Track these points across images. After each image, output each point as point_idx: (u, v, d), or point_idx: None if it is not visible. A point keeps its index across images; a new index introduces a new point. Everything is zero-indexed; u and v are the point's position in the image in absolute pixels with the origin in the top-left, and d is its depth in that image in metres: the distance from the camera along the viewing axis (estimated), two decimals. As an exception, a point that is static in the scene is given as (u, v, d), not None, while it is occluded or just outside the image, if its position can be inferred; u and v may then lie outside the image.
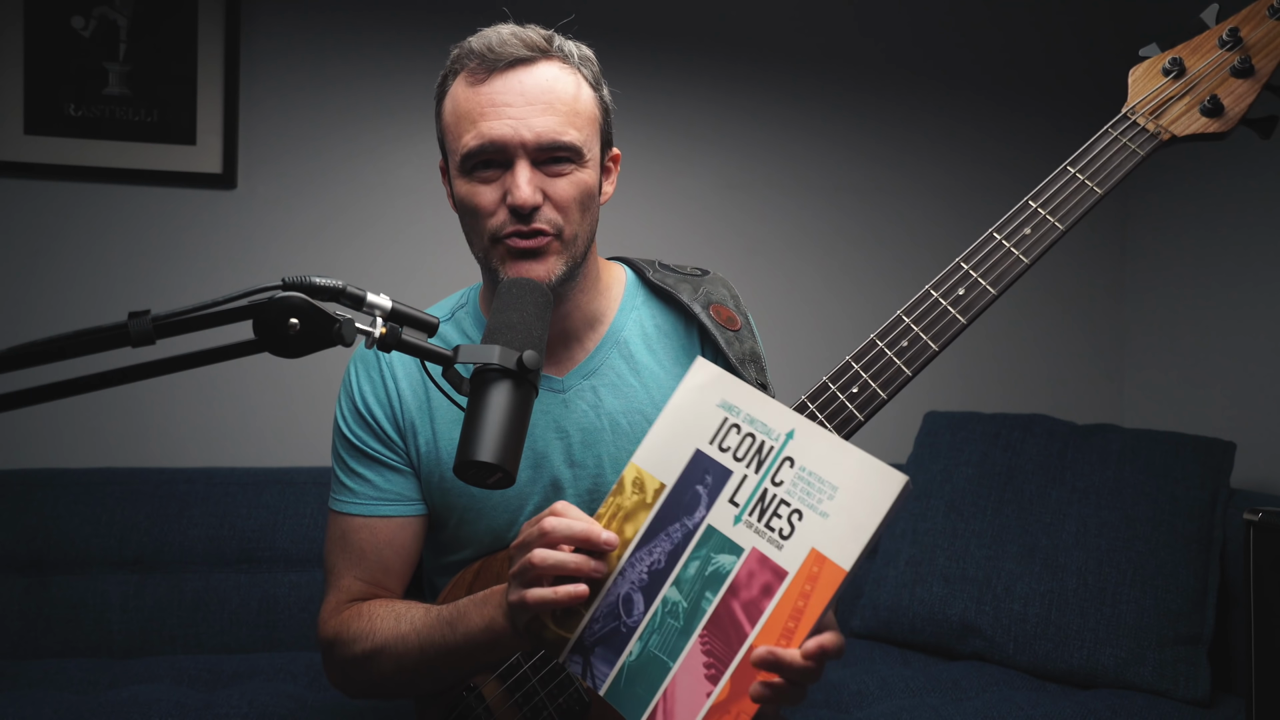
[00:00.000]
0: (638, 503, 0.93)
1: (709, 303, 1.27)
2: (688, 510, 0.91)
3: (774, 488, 0.88)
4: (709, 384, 0.94)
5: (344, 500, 1.25)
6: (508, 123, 1.10)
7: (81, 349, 0.76)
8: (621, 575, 0.92)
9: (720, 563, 0.89)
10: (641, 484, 0.94)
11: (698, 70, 2.38)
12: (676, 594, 0.90)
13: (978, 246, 1.06)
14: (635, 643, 0.91)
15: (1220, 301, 2.29)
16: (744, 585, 0.88)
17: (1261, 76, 1.06)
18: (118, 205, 2.10)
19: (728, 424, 0.91)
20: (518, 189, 1.10)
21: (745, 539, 0.89)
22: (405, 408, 1.23)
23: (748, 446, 0.90)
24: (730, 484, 0.90)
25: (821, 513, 0.86)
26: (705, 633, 0.89)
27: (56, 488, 1.89)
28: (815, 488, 0.87)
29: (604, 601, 0.93)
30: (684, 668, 0.89)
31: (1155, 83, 1.10)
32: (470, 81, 1.13)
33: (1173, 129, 1.07)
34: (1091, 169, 1.06)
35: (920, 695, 1.74)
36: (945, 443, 2.12)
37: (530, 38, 1.13)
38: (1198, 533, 1.83)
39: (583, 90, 1.16)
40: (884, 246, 2.49)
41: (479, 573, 1.23)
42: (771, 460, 0.89)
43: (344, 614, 1.20)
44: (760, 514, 0.88)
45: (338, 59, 2.20)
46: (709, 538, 0.90)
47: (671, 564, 0.90)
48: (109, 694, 1.60)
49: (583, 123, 1.14)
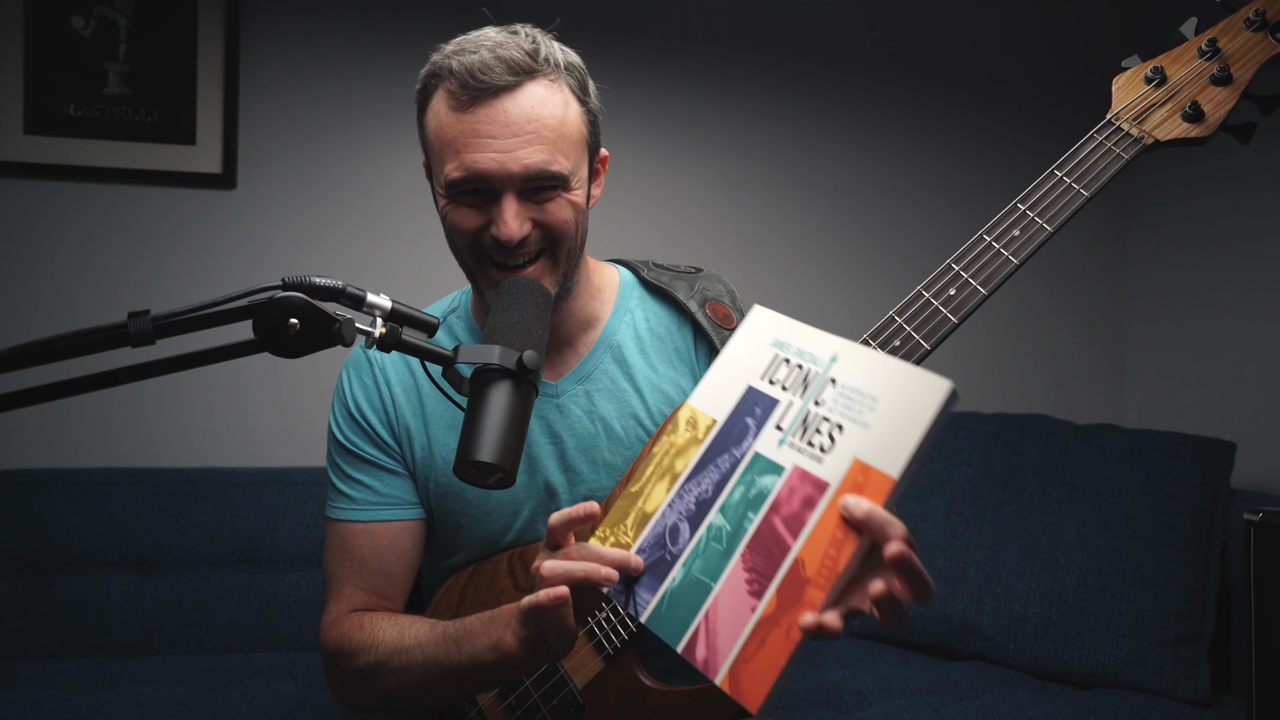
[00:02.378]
0: (689, 439, 0.95)
1: (705, 300, 1.27)
2: (736, 441, 0.92)
3: (816, 408, 0.89)
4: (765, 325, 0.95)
5: (342, 507, 1.23)
6: (493, 155, 1.06)
7: (81, 349, 0.76)
8: (669, 507, 0.93)
9: (763, 484, 0.89)
10: (695, 422, 0.95)
11: (698, 70, 2.38)
12: (721, 519, 0.90)
13: (968, 248, 1.08)
14: (679, 569, 0.90)
15: (1220, 301, 2.29)
16: (785, 502, 0.87)
17: (1240, 85, 1.11)
18: (118, 205, 2.09)
19: (778, 359, 0.93)
20: (504, 225, 1.07)
21: (787, 458, 0.89)
22: (399, 411, 1.22)
23: (795, 376, 0.91)
24: (777, 411, 0.91)
25: (863, 424, 0.86)
26: (747, 551, 0.88)
27: (56, 488, 1.89)
28: (856, 401, 0.87)
29: (651, 533, 0.93)
30: (726, 587, 0.88)
31: (1138, 90, 1.14)
32: (452, 105, 1.09)
33: (1155, 134, 1.11)
34: (1078, 172, 1.10)
35: (920, 695, 1.74)
36: (945, 443, 2.12)
37: (513, 58, 1.07)
38: (1198, 533, 1.83)
39: (570, 110, 1.11)
40: (884, 246, 2.49)
41: (472, 577, 1.23)
42: (816, 384, 0.90)
43: (345, 625, 1.17)
44: (802, 433, 0.89)
45: (338, 59, 2.20)
46: (755, 463, 0.90)
47: (718, 492, 0.91)
48: (109, 694, 1.60)
49: (569, 146, 1.10)
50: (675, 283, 1.28)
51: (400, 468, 1.23)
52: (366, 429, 1.22)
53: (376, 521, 1.21)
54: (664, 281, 1.27)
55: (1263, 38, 1.11)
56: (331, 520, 1.24)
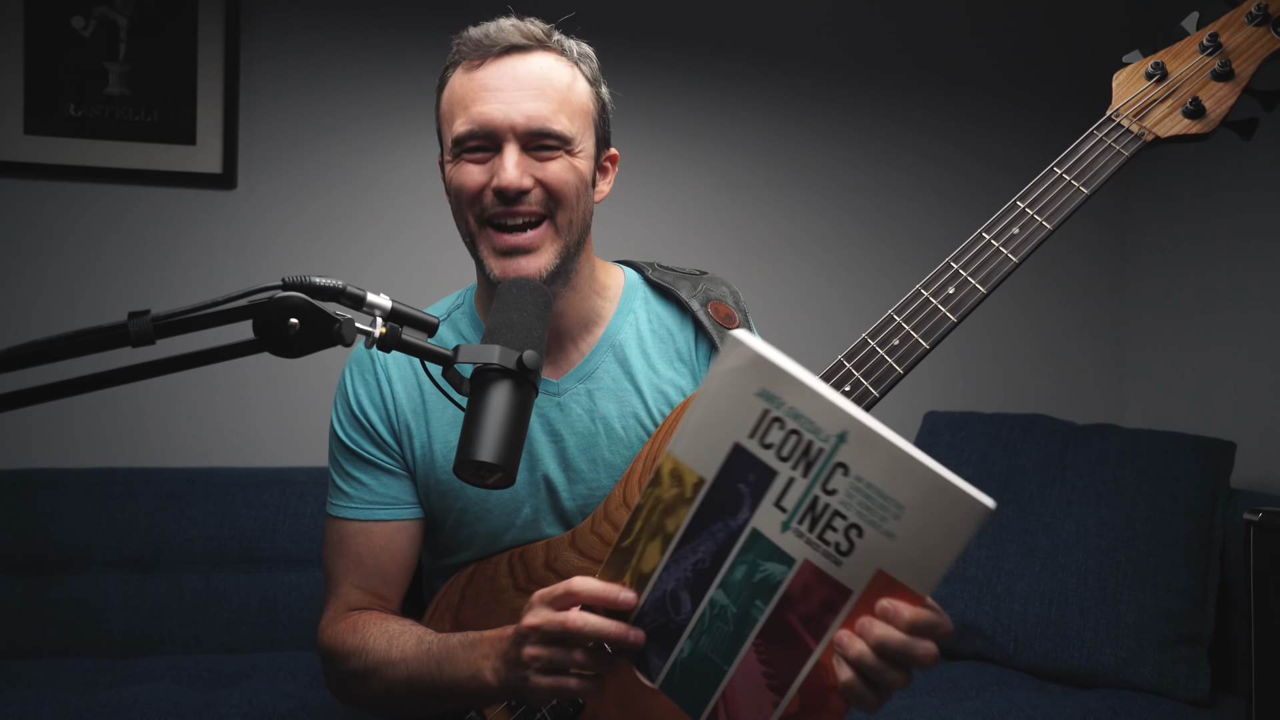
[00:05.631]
0: (676, 496, 0.86)
1: (708, 299, 1.27)
2: (730, 509, 0.84)
3: (826, 496, 0.80)
4: (745, 368, 0.80)
5: (340, 505, 1.24)
6: (498, 106, 1.11)
7: (81, 349, 0.76)
8: (666, 571, 0.88)
9: (769, 571, 0.84)
10: (680, 476, 0.85)
11: (698, 70, 2.38)
12: (724, 597, 0.86)
13: (967, 246, 1.07)
14: (686, 640, 0.88)
15: (1220, 301, 2.29)
16: (800, 598, 0.83)
17: (1241, 80, 1.10)
18: (117, 205, 2.09)
19: (769, 417, 0.80)
20: (504, 171, 1.10)
21: (796, 549, 0.82)
22: (400, 410, 1.23)
23: (793, 445, 0.80)
24: (775, 486, 0.82)
25: (886, 532, 0.78)
26: (760, 642, 0.85)
27: (56, 488, 1.89)
28: (877, 504, 0.78)
29: (651, 595, 0.89)
30: (741, 673, 0.86)
31: (1138, 86, 1.13)
32: (466, 69, 1.14)
33: (1156, 130, 1.10)
34: (1078, 169, 1.09)
35: (920, 695, 1.74)
36: (945, 443, 2.12)
37: (528, 29, 1.14)
38: (1198, 533, 1.83)
39: (578, 83, 1.16)
40: (886, 246, 2.49)
41: (472, 576, 1.23)
42: (822, 465, 0.80)
43: (339, 626, 1.19)
44: (811, 524, 0.81)
45: (337, 59, 2.20)
46: (755, 542, 0.84)
47: (717, 564, 0.85)
48: (109, 694, 1.60)
49: (574, 112, 1.14)
50: (679, 283, 1.28)
51: (399, 468, 1.23)
52: (367, 427, 1.23)
53: (373, 521, 1.22)
54: (667, 281, 1.28)
55: (1265, 32, 1.10)
56: (330, 517, 1.25)
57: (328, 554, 1.25)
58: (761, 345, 0.80)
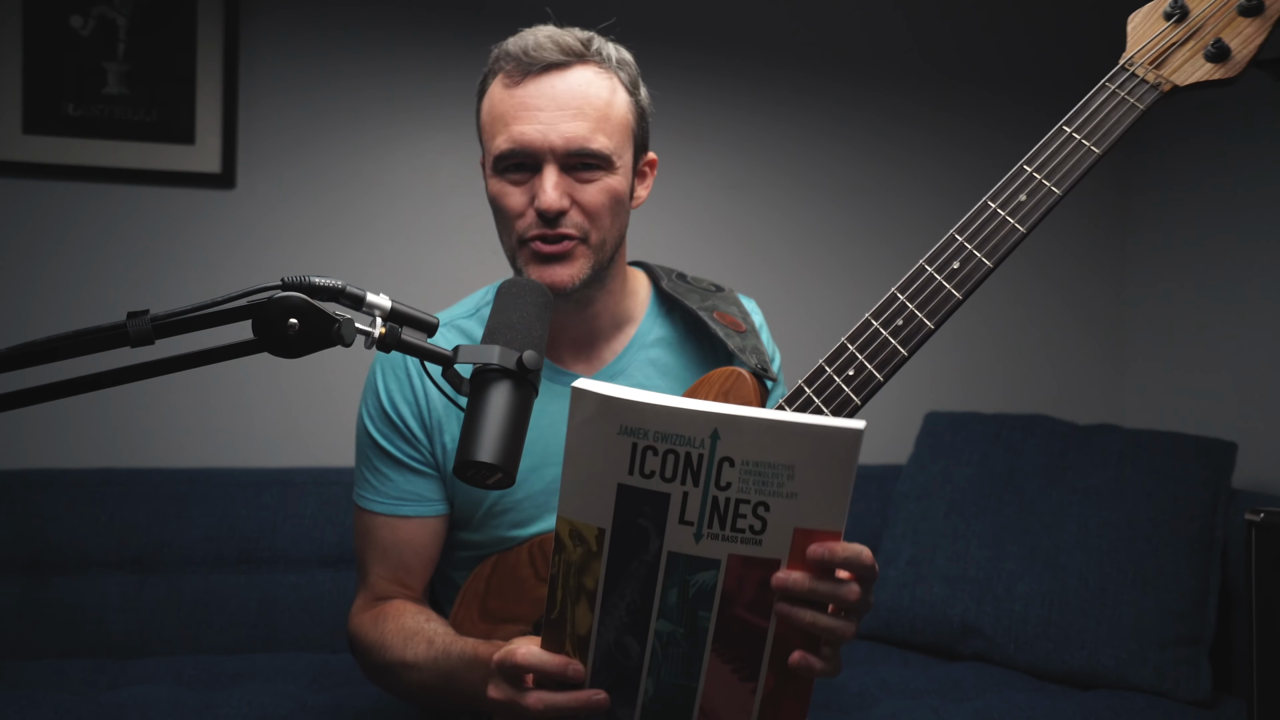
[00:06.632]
0: (584, 554, 0.87)
1: (714, 309, 1.31)
2: (640, 545, 0.86)
3: (723, 492, 0.83)
4: (598, 414, 0.83)
5: (368, 497, 1.28)
6: (537, 127, 1.12)
7: (80, 349, 0.76)
8: (603, 625, 0.89)
9: (701, 581, 0.86)
10: (580, 535, 0.87)
11: (698, 70, 2.38)
12: (667, 625, 0.87)
13: (971, 217, 1.02)
14: (646, 679, 0.89)
15: (1222, 301, 2.29)
16: (738, 591, 0.86)
17: (1272, 14, 0.98)
18: (116, 205, 2.09)
19: (639, 448, 0.83)
20: (544, 194, 1.12)
21: (716, 550, 0.84)
22: (433, 406, 1.25)
23: (673, 464, 0.82)
24: (673, 506, 0.84)
25: (788, 494, 0.82)
26: (717, 646, 0.87)
27: (56, 488, 1.89)
28: (769, 475, 0.82)
29: (597, 654, 0.90)
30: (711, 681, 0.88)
31: (1156, 29, 1.03)
32: (506, 84, 1.16)
33: (1174, 79, 1.01)
34: (1088, 127, 1.01)
35: (921, 696, 1.74)
36: (945, 443, 2.12)
37: (567, 42, 1.15)
38: (1199, 533, 1.83)
39: (617, 95, 1.17)
40: (886, 245, 2.49)
41: (495, 566, 1.26)
42: (707, 468, 0.82)
43: (364, 618, 1.25)
44: (721, 522, 0.84)
45: (337, 59, 2.19)
46: (675, 563, 0.85)
47: (648, 599, 0.87)
48: (108, 694, 1.60)
49: (613, 129, 1.16)
50: (688, 295, 1.31)
51: (426, 465, 1.26)
52: (398, 423, 1.26)
53: (397, 516, 1.26)
54: (678, 293, 1.31)
55: None
56: (357, 506, 1.30)
57: (357, 541, 1.31)
58: (604, 387, 0.83)
